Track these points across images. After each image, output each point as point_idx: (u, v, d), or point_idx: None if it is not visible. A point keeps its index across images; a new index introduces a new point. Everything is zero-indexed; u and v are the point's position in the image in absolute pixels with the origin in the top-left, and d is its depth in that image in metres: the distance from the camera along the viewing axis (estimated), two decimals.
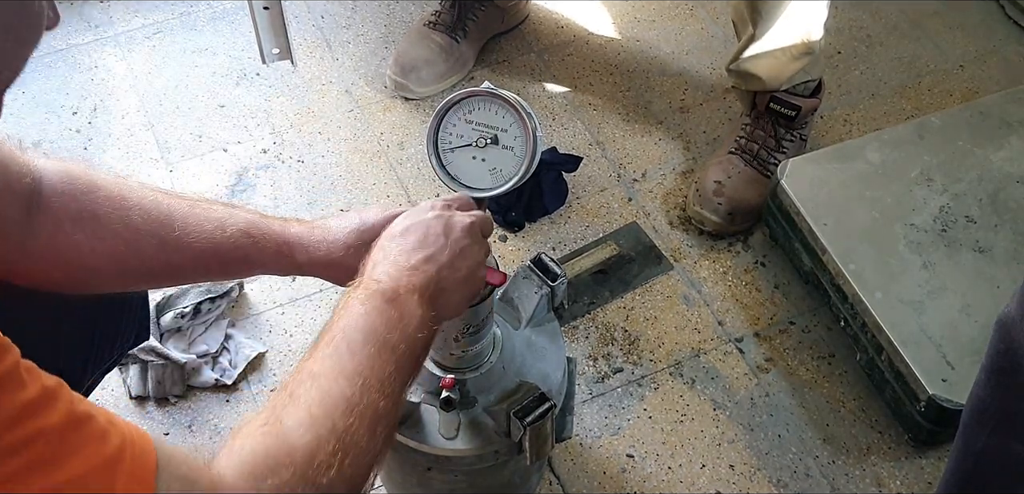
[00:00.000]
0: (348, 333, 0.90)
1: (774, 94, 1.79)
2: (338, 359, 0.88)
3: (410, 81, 2.00)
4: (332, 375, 0.87)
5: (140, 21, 2.16)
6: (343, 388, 0.86)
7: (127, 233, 1.03)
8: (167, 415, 1.57)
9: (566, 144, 1.95)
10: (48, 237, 0.99)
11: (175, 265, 1.07)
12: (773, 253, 1.78)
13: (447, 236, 1.00)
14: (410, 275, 0.96)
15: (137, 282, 1.11)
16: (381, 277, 0.95)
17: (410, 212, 1.04)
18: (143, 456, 0.73)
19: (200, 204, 1.10)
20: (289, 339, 1.67)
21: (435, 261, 0.98)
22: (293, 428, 0.82)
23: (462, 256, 1.01)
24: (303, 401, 0.85)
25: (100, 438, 0.71)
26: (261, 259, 1.11)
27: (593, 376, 1.62)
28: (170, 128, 1.98)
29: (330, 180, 1.89)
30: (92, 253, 1.02)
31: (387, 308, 0.93)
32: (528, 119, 1.10)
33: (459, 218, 1.03)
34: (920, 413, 1.47)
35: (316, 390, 0.86)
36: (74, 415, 0.71)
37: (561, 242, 1.80)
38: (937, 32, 2.18)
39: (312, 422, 0.83)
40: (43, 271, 1.00)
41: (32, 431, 0.68)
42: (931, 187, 1.69)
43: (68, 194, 1.01)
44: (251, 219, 1.11)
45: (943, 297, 1.55)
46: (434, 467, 1.24)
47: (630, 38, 2.16)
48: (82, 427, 0.71)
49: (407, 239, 0.99)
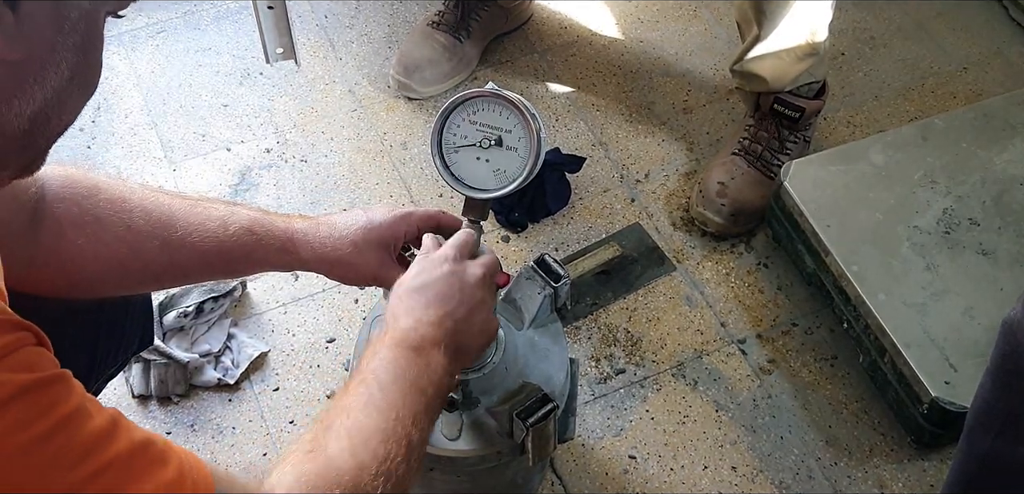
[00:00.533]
0: (378, 374, 0.94)
1: (778, 95, 1.79)
2: (370, 396, 0.92)
3: (413, 81, 2.00)
4: (366, 410, 0.90)
5: (144, 20, 2.16)
6: (378, 421, 0.90)
7: (129, 236, 1.04)
8: (169, 414, 1.57)
9: (569, 145, 1.95)
10: (51, 244, 1.00)
11: (178, 265, 1.08)
12: (776, 255, 1.78)
13: (462, 292, 1.02)
14: (432, 329, 0.99)
15: (141, 284, 1.11)
16: (406, 329, 0.98)
17: (424, 264, 1.05)
18: (203, 481, 0.76)
19: (202, 203, 1.10)
20: (291, 338, 1.67)
21: (452, 317, 1.01)
22: (337, 455, 0.86)
23: (476, 310, 1.03)
24: (343, 431, 0.88)
25: (162, 462, 0.74)
26: (265, 256, 1.11)
27: (595, 377, 1.62)
28: (173, 127, 1.98)
29: (333, 180, 1.90)
30: (95, 258, 1.02)
31: (413, 355, 0.96)
32: (532, 120, 1.10)
33: (471, 271, 1.04)
34: (923, 415, 1.47)
35: (352, 422, 0.89)
36: (137, 441, 0.74)
37: (564, 243, 1.80)
38: (941, 34, 2.18)
39: (354, 450, 0.86)
40: (47, 278, 1.01)
41: (104, 461, 0.71)
42: (934, 189, 1.69)
43: (70, 199, 1.01)
44: (254, 216, 1.11)
45: (946, 299, 1.55)
46: (437, 467, 1.24)
47: (633, 39, 2.16)
48: (146, 452, 0.74)
49: (425, 294, 1.01)
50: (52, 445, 0.68)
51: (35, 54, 0.67)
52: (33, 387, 0.68)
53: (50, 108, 0.71)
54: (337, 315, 1.69)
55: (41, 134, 0.72)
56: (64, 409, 0.70)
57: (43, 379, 0.70)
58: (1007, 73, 2.10)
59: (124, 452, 0.72)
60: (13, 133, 0.70)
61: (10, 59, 0.66)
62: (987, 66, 2.11)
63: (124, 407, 1.58)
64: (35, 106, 0.69)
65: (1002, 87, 2.05)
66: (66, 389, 0.71)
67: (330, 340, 1.66)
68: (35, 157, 0.75)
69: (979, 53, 2.14)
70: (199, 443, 1.54)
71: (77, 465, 0.69)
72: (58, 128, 0.73)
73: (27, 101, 0.69)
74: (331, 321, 1.68)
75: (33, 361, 0.70)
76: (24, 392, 0.68)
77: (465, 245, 1.08)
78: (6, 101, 0.68)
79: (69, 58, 0.69)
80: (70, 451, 0.69)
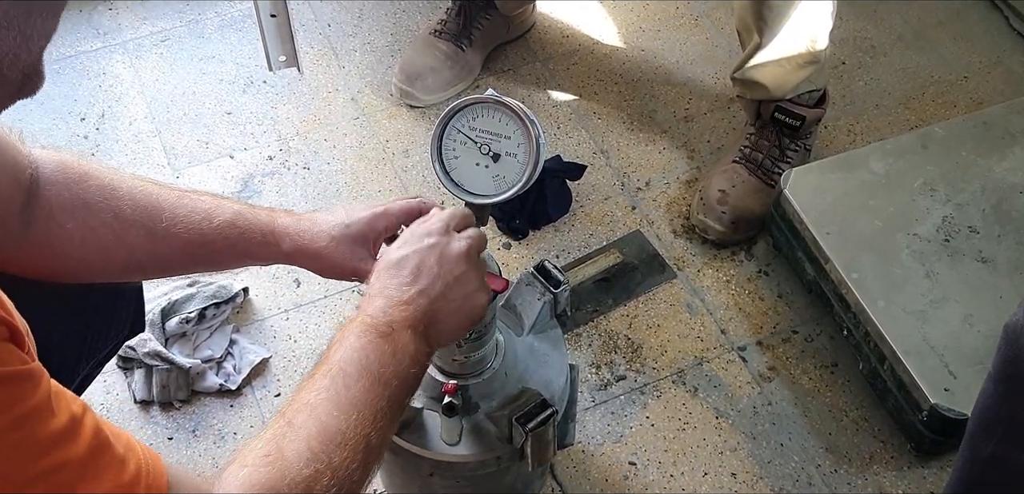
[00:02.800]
0: (344, 366, 0.93)
1: (779, 103, 1.79)
2: (334, 392, 0.92)
3: (416, 89, 2.01)
4: (328, 407, 0.90)
5: (148, 28, 2.17)
6: (339, 422, 0.89)
7: (115, 223, 1.04)
8: (171, 420, 1.58)
9: (570, 152, 1.95)
10: (41, 227, 1.01)
11: (163, 255, 1.08)
12: (776, 262, 1.78)
13: (441, 266, 1.01)
14: (403, 310, 0.98)
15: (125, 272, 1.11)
16: (376, 312, 0.98)
17: (407, 235, 1.05)
18: (157, 481, 0.76)
19: (188, 195, 1.11)
20: (293, 344, 1.68)
21: (427, 294, 1.00)
22: (293, 460, 0.85)
23: (456, 285, 1.02)
24: (302, 432, 0.88)
25: (119, 465, 0.75)
26: (247, 248, 1.11)
27: (596, 383, 1.63)
28: (177, 135, 1.99)
29: (335, 187, 1.90)
30: (81, 243, 1.03)
31: (381, 343, 0.96)
32: (532, 126, 1.10)
33: (454, 246, 1.03)
34: (923, 422, 1.47)
35: (314, 423, 0.89)
36: (97, 442, 0.74)
37: (564, 249, 1.81)
38: (941, 43, 2.18)
39: (311, 456, 0.86)
40: (36, 261, 1.02)
41: (59, 461, 0.71)
42: (934, 197, 1.69)
43: (61, 183, 1.02)
44: (238, 209, 1.12)
45: (946, 307, 1.55)
46: (436, 473, 1.25)
47: (635, 47, 2.17)
48: (103, 454, 0.74)
49: (401, 271, 1.01)
50: (10, 439, 0.69)
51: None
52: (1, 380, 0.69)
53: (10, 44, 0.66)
54: (339, 321, 1.70)
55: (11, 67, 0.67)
56: (24, 407, 0.70)
57: (6, 374, 0.70)
58: (1007, 82, 2.10)
59: (81, 454, 0.72)
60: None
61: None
62: (987, 75, 2.11)
63: (126, 412, 1.59)
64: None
65: (1002, 96, 2.05)
66: (31, 386, 0.71)
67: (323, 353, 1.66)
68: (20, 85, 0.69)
69: (979, 62, 2.14)
70: (201, 449, 1.55)
71: (31, 462, 0.70)
72: (30, 55, 0.68)
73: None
74: (333, 327, 1.69)
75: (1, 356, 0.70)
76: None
77: (454, 218, 1.07)
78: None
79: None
80: (26, 447, 0.69)
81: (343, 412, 0.90)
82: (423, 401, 1.23)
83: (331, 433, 0.88)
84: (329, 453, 0.87)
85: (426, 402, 1.23)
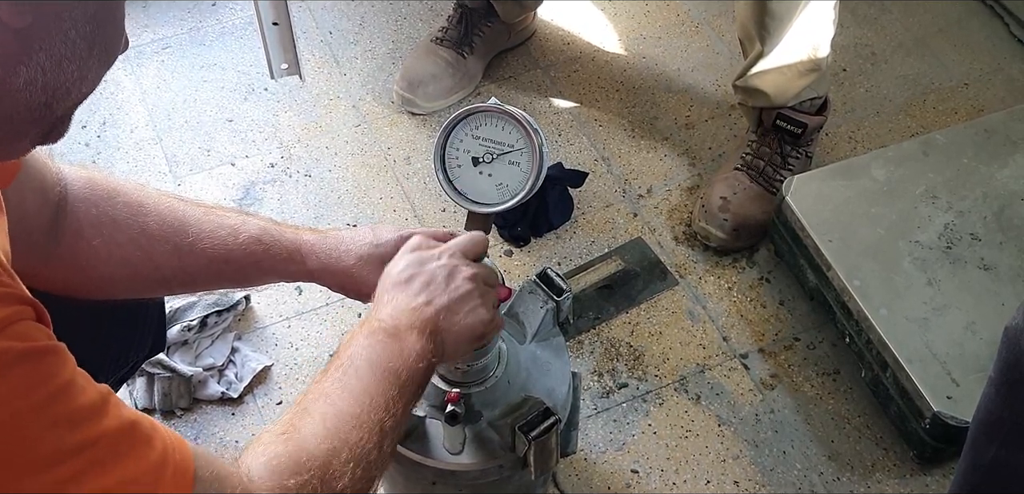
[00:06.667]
0: (355, 360, 0.97)
1: (780, 111, 1.79)
2: (346, 381, 0.95)
3: (417, 96, 2.01)
4: (341, 394, 0.93)
5: (149, 36, 2.18)
6: (352, 406, 0.93)
7: (143, 239, 1.06)
8: (173, 427, 1.57)
9: (572, 159, 1.95)
10: (69, 242, 1.02)
11: (189, 271, 1.09)
12: (778, 269, 1.78)
13: (448, 282, 1.04)
14: (409, 315, 1.01)
15: (151, 289, 1.13)
16: (384, 317, 1.01)
17: (416, 252, 1.06)
18: (183, 461, 0.78)
19: (214, 211, 1.12)
20: (295, 352, 1.67)
21: (433, 305, 1.02)
22: (310, 437, 0.89)
23: (462, 301, 1.04)
24: (317, 414, 0.91)
25: (147, 443, 0.76)
26: (272, 265, 1.12)
27: (598, 391, 1.63)
28: (178, 142, 1.99)
29: (337, 194, 1.90)
30: (108, 259, 1.04)
31: (389, 341, 0.98)
32: (534, 135, 1.10)
33: (463, 269, 1.05)
34: (925, 430, 1.47)
35: (329, 406, 0.92)
36: (126, 420, 0.76)
37: (566, 257, 1.81)
38: (942, 50, 2.18)
39: (327, 434, 0.89)
40: (63, 277, 1.03)
41: (95, 434, 0.73)
42: (936, 204, 1.69)
43: (90, 200, 1.04)
44: (263, 226, 1.12)
45: (948, 314, 1.55)
46: (439, 481, 1.24)
47: (636, 54, 2.17)
48: (133, 431, 0.76)
49: (411, 285, 1.03)
50: (48, 413, 0.70)
51: (41, 21, 0.68)
52: (32, 355, 0.70)
53: (67, 77, 0.72)
54: (340, 329, 1.70)
55: (59, 103, 0.73)
56: (58, 381, 0.72)
57: (38, 348, 0.71)
58: (1008, 89, 2.10)
59: (113, 429, 0.74)
60: (27, 102, 0.71)
61: (15, 26, 0.67)
62: (988, 82, 2.12)
63: None
64: (46, 75, 0.70)
65: (1003, 103, 2.06)
66: (61, 361, 0.73)
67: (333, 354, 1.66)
68: (54, 126, 0.76)
69: (980, 69, 2.14)
70: None
71: (68, 434, 0.71)
72: (78, 97, 0.75)
73: (35, 69, 0.70)
74: (334, 335, 1.69)
75: (31, 333, 0.72)
76: (24, 358, 0.70)
77: (466, 245, 1.08)
78: (12, 69, 0.69)
79: (79, 26, 0.70)
80: (63, 420, 0.71)
81: (356, 397, 0.93)
82: (426, 409, 1.23)
83: (345, 416, 0.91)
84: (345, 432, 0.90)
85: (429, 410, 1.23)
